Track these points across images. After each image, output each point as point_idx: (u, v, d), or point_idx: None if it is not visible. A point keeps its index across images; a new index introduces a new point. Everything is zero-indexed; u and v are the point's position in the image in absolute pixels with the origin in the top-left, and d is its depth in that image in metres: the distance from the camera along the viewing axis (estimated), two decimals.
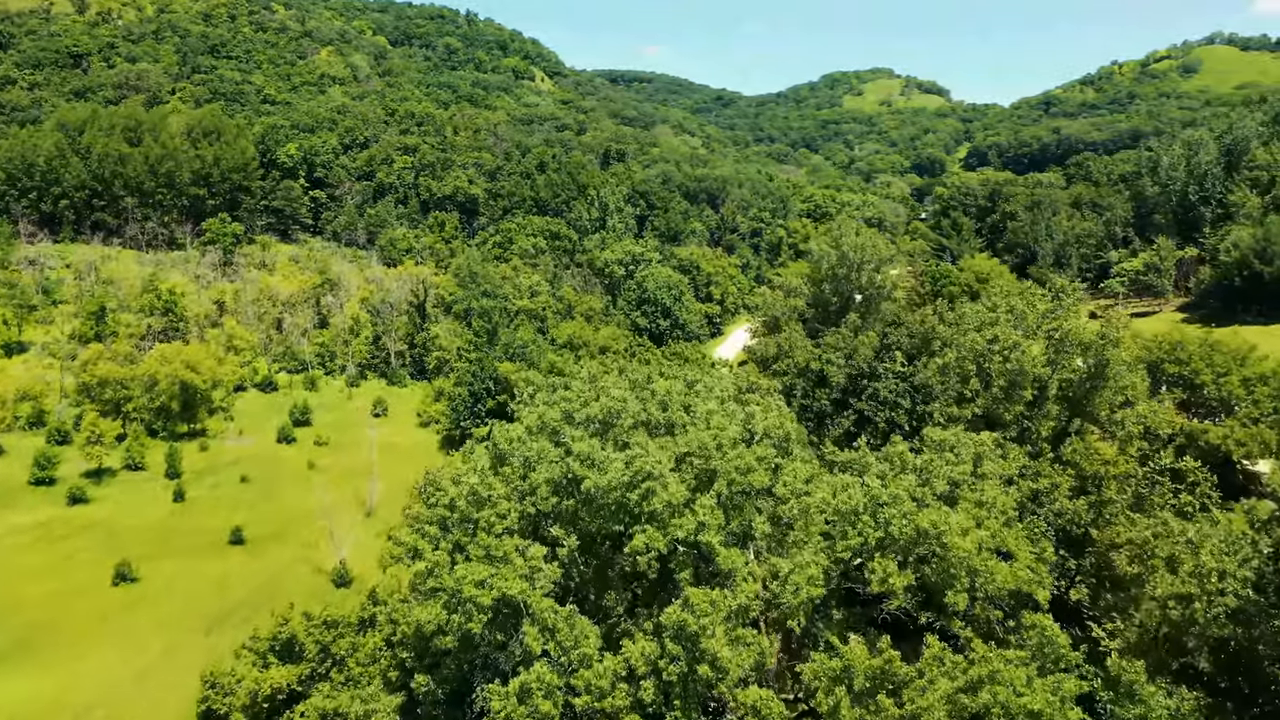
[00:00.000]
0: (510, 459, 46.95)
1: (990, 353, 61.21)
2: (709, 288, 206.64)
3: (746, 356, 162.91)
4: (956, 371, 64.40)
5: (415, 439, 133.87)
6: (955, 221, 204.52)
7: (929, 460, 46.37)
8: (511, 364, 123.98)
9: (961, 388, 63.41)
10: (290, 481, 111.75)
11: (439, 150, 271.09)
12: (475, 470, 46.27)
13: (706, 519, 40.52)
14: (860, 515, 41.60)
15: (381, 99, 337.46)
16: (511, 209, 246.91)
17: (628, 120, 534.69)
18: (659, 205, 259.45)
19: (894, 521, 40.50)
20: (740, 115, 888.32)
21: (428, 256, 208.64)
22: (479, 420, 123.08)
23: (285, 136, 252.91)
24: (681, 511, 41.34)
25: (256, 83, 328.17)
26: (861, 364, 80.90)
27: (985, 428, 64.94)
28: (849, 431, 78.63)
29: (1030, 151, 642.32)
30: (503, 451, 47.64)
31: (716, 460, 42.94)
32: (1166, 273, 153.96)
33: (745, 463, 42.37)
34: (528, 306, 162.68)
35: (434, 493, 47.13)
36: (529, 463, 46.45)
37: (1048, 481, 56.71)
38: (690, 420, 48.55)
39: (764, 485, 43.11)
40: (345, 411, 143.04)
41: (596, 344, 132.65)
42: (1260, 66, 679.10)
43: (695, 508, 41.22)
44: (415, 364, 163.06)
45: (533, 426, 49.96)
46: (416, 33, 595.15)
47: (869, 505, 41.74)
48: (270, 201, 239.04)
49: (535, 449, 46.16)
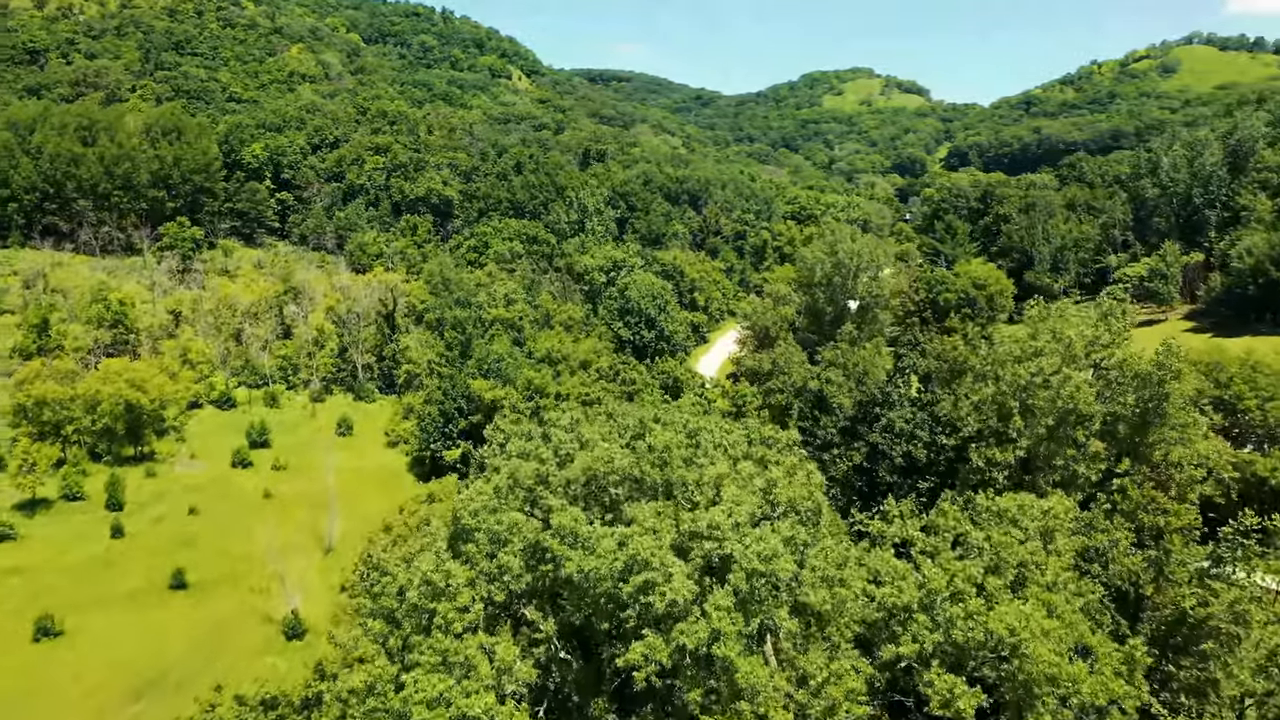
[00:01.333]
0: (474, 535, 38.22)
1: (1034, 387, 53.21)
2: (693, 294, 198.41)
3: (734, 368, 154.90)
4: (994, 408, 56.29)
5: (382, 461, 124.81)
6: (949, 225, 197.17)
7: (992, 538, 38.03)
8: (485, 381, 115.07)
9: (1002, 426, 55.28)
10: (243, 514, 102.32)
11: (412, 150, 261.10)
12: (431, 550, 37.51)
13: (722, 625, 32.18)
14: (913, 614, 33.39)
15: (353, 97, 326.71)
16: (487, 211, 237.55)
17: (607, 119, 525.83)
18: (640, 207, 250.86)
19: (957, 623, 32.35)
20: (720, 115, 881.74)
21: (399, 262, 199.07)
22: (450, 442, 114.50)
23: (250, 136, 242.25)
24: (689, 610, 33.01)
25: (223, 80, 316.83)
26: (873, 389, 72.66)
27: (1022, 470, 56.91)
28: (860, 467, 70.39)
29: (1011, 151, 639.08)
30: (465, 527, 38.85)
31: (733, 543, 34.49)
32: (1173, 279, 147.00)
33: (768, 547, 33.97)
34: (503, 316, 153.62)
35: (379, 579, 38.34)
36: (497, 539, 37.80)
37: (1105, 538, 48.69)
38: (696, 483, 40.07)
39: (791, 574, 34.68)
40: (307, 431, 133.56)
41: (576, 358, 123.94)
42: (1239, 67, 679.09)
43: (707, 608, 32.87)
44: (384, 377, 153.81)
45: (502, 487, 41.26)
46: (391, 30, 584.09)
47: (924, 600, 33.52)
48: (234, 204, 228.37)
49: (505, 523, 37.51)
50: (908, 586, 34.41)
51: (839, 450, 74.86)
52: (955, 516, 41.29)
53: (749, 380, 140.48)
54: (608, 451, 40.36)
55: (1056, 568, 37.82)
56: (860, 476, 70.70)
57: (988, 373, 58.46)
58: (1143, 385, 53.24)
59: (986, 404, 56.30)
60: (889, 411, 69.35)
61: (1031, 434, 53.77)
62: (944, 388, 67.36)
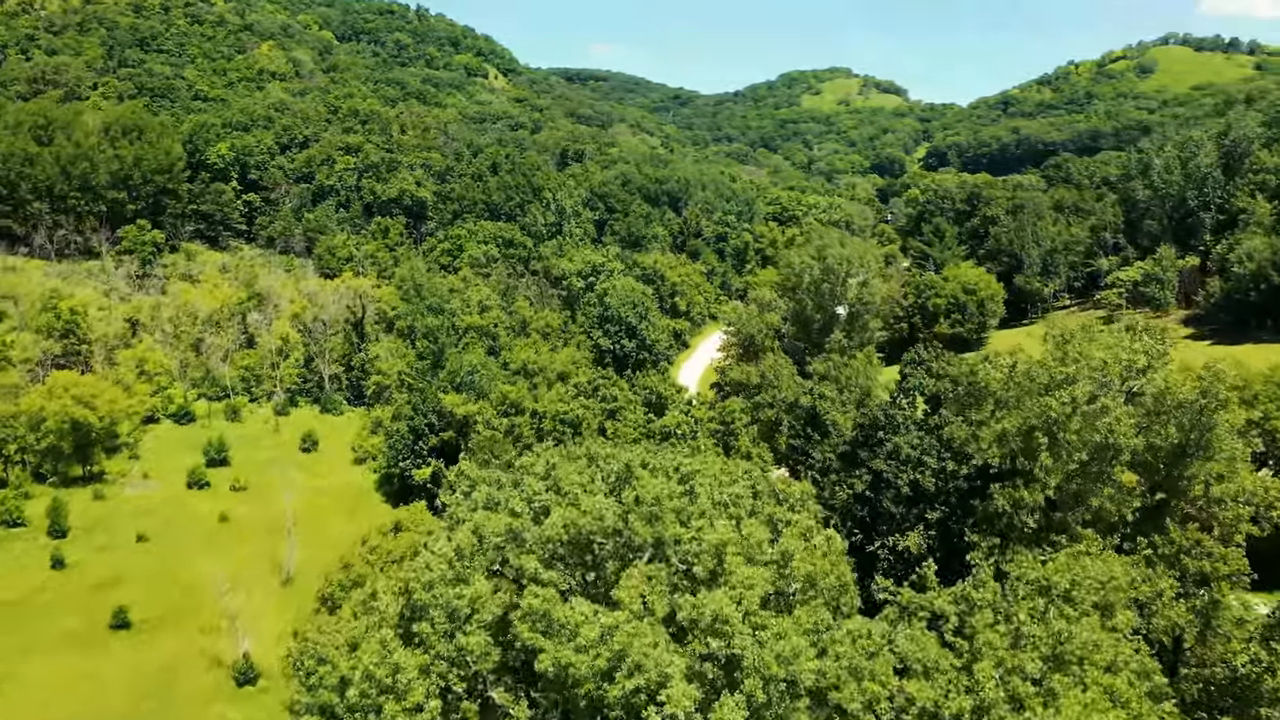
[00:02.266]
0: (429, 612, 32.10)
1: (1067, 419, 47.67)
2: (674, 298, 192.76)
3: (718, 377, 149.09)
4: (1019, 440, 50.70)
5: (348, 479, 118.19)
6: (937, 228, 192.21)
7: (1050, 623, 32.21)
8: (458, 395, 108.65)
9: (1027, 463, 49.70)
10: (195, 540, 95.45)
11: (384, 150, 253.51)
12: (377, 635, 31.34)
13: None
14: None
15: (324, 96, 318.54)
16: (462, 213, 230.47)
17: (584, 119, 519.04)
18: (619, 209, 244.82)
19: None
20: (698, 114, 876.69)
21: (369, 266, 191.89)
22: (420, 460, 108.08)
23: (216, 135, 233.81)
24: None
25: (189, 78, 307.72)
26: (875, 411, 66.92)
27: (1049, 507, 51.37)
28: (862, 496, 64.68)
29: (990, 151, 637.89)
30: (419, 603, 32.71)
31: (744, 642, 28.62)
32: (1169, 284, 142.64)
33: (788, 647, 28.13)
34: (478, 323, 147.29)
35: (316, 669, 32.13)
36: (457, 616, 31.73)
37: (1150, 589, 43.22)
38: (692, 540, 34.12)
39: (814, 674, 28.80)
40: (270, 446, 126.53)
41: (554, 369, 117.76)
42: (1214, 67, 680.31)
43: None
44: (353, 388, 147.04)
45: (466, 547, 35.12)
46: (365, 28, 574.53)
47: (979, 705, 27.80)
48: (199, 206, 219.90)
49: (467, 597, 31.48)
50: (955, 691, 28.79)
51: (838, 476, 69.21)
52: (995, 591, 35.56)
53: (734, 391, 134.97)
54: (592, 505, 34.45)
55: (1119, 651, 32.32)
56: (862, 506, 65.06)
57: (1009, 399, 52.86)
58: (1184, 413, 47.81)
59: (1011, 436, 50.72)
60: (894, 436, 63.70)
61: (1061, 470, 48.27)
62: (955, 410, 61.71)
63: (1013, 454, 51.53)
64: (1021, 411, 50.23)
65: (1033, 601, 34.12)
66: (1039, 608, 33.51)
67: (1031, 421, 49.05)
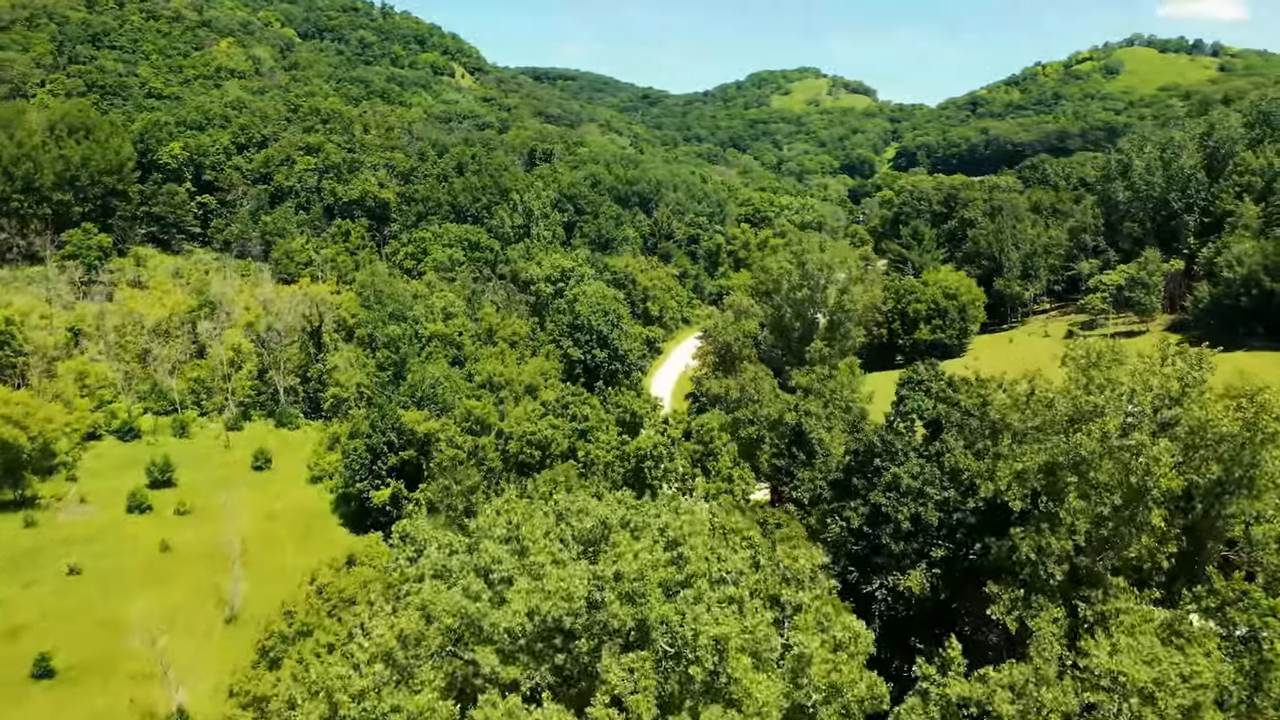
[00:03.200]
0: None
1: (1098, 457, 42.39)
2: (646, 303, 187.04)
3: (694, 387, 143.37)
4: (1041, 480, 45.31)
5: (303, 500, 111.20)
6: (916, 230, 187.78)
7: None
8: (419, 411, 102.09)
9: (1053, 505, 44.31)
10: (134, 573, 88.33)
11: (346, 150, 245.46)
12: None
13: None
14: None
15: (285, 94, 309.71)
16: (426, 215, 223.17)
17: (553, 118, 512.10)
18: (588, 210, 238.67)
19: None
20: (667, 114, 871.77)
21: (329, 270, 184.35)
22: (378, 481, 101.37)
23: (169, 134, 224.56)
24: None
25: (143, 75, 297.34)
26: (871, 436, 61.30)
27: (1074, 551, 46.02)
28: (860, 530, 59.16)
29: (960, 152, 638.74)
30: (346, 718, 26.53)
31: None
32: (1154, 288, 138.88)
33: None
34: (442, 331, 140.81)
35: None
36: None
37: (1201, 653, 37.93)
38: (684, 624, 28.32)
39: None
40: (219, 465, 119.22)
41: (522, 382, 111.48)
42: (1178, 69, 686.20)
43: None
44: (310, 400, 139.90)
45: (412, 633, 29.06)
46: (328, 25, 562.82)
47: None
48: (151, 208, 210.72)
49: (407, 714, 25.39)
50: None
51: (829, 506, 63.66)
52: (1064, 690, 30.07)
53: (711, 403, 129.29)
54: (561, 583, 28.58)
55: None
56: (858, 540, 59.56)
57: (1026, 432, 47.46)
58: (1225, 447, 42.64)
59: (1032, 474, 45.34)
60: (892, 465, 58.20)
61: (1090, 514, 42.94)
62: (960, 439, 56.32)
63: (1034, 493, 46.20)
64: (1043, 447, 44.90)
65: (1109, 702, 28.64)
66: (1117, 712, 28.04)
67: (1057, 459, 43.77)
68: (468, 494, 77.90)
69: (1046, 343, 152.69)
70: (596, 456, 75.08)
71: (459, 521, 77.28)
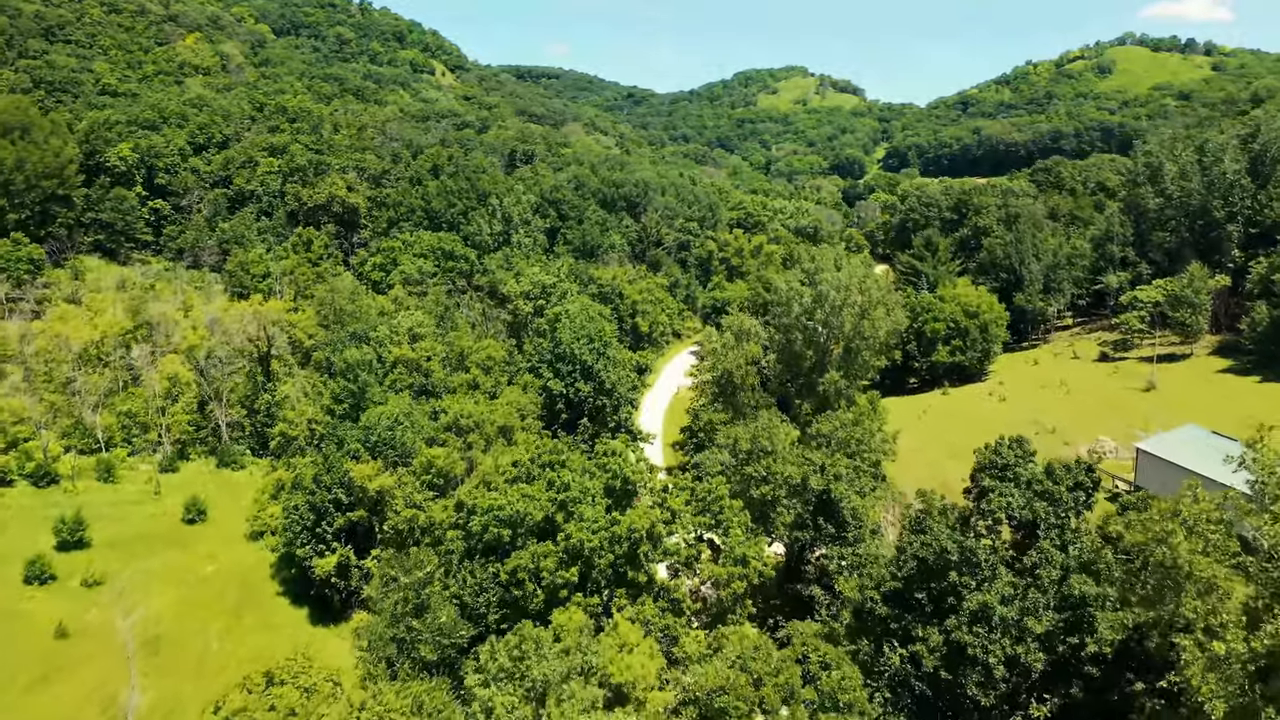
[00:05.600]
0: None
1: None
2: (635, 318, 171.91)
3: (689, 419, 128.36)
4: None
5: (239, 562, 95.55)
6: (929, 240, 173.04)
7: None
8: (370, 464, 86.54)
9: None
10: (15, 671, 72.53)
11: (313, 151, 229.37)
12: None
13: None
14: None
15: (251, 91, 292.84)
16: (399, 221, 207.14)
17: (536, 117, 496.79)
18: (572, 215, 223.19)
19: None
20: (653, 113, 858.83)
21: (287, 284, 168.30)
22: (323, 546, 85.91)
23: (119, 134, 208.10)
24: None
25: (98, 71, 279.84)
26: (943, 541, 46.31)
27: None
28: (934, 676, 44.22)
29: (951, 152, 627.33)
30: None
31: None
32: (1202, 307, 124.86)
33: None
34: (408, 356, 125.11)
35: None
36: None
37: None
38: None
39: None
40: (146, 518, 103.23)
41: (493, 423, 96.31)
42: (1171, 68, 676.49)
43: None
44: (258, 435, 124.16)
45: None
46: (304, 21, 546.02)
47: None
48: (97, 214, 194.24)
49: None
50: None
51: (884, 626, 48.79)
52: None
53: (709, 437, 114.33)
54: None
55: None
56: (931, 686, 44.68)
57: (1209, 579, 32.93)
58: None
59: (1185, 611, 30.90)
60: (976, 584, 43.37)
61: None
62: (1109, 579, 41.51)
63: None
64: None
65: None
66: None
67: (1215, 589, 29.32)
68: (419, 587, 62.64)
69: (1077, 365, 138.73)
70: (581, 540, 59.95)
71: (407, 623, 62.12)
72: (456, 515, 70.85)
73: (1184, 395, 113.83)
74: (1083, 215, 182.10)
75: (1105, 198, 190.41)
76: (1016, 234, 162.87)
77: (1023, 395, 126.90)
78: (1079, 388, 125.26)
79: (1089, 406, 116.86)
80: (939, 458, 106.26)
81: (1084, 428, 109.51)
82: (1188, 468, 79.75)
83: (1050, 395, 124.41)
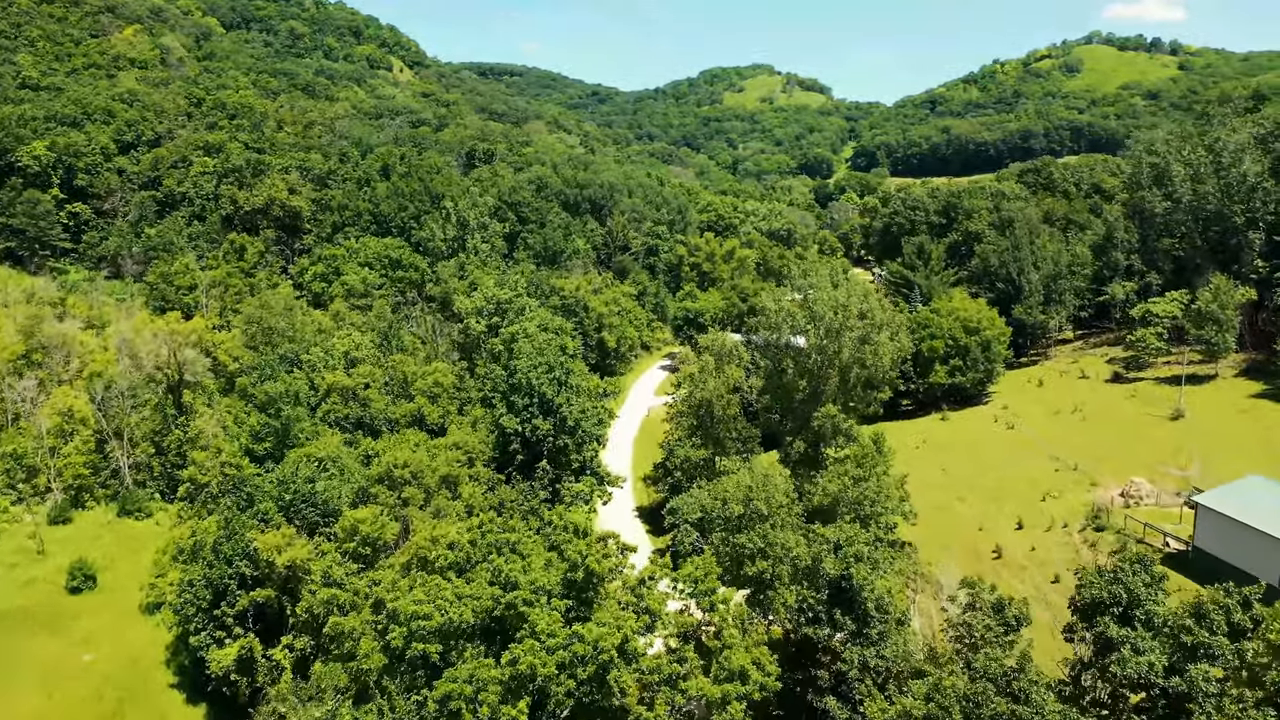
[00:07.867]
0: None
1: None
2: (600, 332, 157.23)
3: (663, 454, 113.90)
4: None
5: (127, 647, 79.58)
6: (921, 248, 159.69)
7: None
8: (279, 533, 71.00)
9: None
10: None
11: (253, 150, 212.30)
12: None
13: None
14: None
15: (189, 87, 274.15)
16: (344, 226, 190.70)
17: (497, 115, 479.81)
18: (533, 219, 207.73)
19: None
20: (618, 111, 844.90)
21: (216, 297, 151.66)
22: (221, 632, 70.29)
23: (34, 131, 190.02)
24: None
25: (20, 64, 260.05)
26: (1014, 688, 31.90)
27: None
28: None
29: (921, 151, 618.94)
30: None
31: None
32: (1229, 323, 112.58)
33: None
34: (344, 384, 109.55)
35: None
36: None
37: None
38: None
39: None
40: (20, 585, 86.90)
41: (434, 473, 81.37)
42: (1139, 67, 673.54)
43: None
44: (168, 478, 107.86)
45: None
46: (255, 15, 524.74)
47: None
48: (7, 218, 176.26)
49: None
50: None
51: None
52: None
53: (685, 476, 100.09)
54: None
55: None
56: None
57: None
58: None
59: None
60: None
61: None
62: None
63: None
64: None
65: None
66: None
67: None
68: None
69: (1088, 387, 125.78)
70: (532, 666, 45.36)
71: None
72: (375, 617, 55.83)
73: (1217, 426, 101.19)
74: (1079, 219, 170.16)
75: (1101, 200, 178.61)
76: (1013, 240, 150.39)
77: (1031, 422, 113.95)
78: (1095, 414, 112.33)
79: (1110, 437, 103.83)
80: (945, 499, 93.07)
81: (1109, 464, 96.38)
82: (1261, 529, 67.15)
83: (1064, 423, 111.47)
